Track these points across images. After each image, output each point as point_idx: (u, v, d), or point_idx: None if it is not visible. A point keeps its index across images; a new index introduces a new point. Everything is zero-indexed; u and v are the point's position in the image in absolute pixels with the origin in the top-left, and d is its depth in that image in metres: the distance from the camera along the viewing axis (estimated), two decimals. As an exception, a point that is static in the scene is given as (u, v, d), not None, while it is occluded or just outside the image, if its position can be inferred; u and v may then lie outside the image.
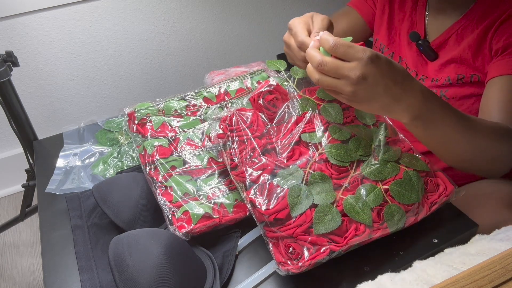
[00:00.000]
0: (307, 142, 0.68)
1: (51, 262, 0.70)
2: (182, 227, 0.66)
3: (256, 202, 0.62)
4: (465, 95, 0.86)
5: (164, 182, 0.72)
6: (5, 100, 1.02)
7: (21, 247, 1.61)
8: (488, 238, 0.61)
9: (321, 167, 0.65)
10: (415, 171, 0.67)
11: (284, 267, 0.59)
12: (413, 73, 0.94)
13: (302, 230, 0.60)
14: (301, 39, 0.65)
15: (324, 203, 0.61)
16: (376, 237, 0.63)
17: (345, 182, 0.65)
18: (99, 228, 0.74)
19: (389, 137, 0.71)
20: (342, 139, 0.69)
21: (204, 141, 0.78)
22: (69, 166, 0.88)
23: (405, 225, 0.65)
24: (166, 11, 1.73)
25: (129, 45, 1.74)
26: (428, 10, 0.92)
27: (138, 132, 0.79)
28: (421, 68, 0.93)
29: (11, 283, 1.49)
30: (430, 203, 0.67)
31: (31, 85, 1.66)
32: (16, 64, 1.03)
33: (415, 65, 0.94)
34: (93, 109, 1.82)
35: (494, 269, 0.40)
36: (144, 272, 0.56)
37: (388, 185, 0.65)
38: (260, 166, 0.65)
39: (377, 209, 0.63)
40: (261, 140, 0.68)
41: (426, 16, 0.92)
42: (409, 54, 0.95)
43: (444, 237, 0.68)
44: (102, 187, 0.72)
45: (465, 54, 0.84)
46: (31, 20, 1.54)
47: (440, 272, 0.54)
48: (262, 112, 0.71)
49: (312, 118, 0.71)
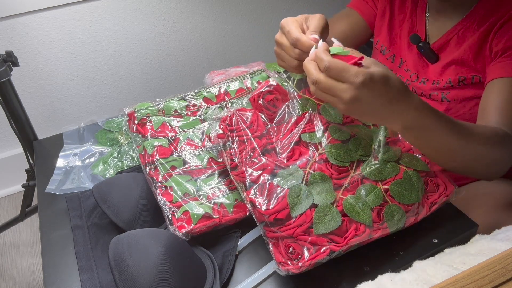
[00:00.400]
0: (307, 142, 0.68)
1: (51, 262, 0.70)
2: (182, 227, 0.66)
3: (256, 202, 0.62)
4: (467, 97, 0.86)
5: (164, 182, 0.72)
6: (5, 100, 1.02)
7: (21, 247, 1.61)
8: (488, 238, 0.61)
9: (321, 167, 0.65)
10: (415, 171, 0.67)
11: (284, 267, 0.59)
12: (413, 76, 0.94)
13: (302, 230, 0.60)
14: (295, 35, 0.64)
15: (324, 203, 0.61)
16: (376, 237, 0.63)
17: (345, 182, 0.65)
18: (99, 228, 0.74)
19: (389, 137, 0.71)
20: (342, 139, 0.69)
21: (204, 141, 0.78)
22: (69, 166, 0.88)
23: (405, 225, 0.65)
24: (166, 11, 1.73)
25: (129, 45, 1.74)
26: (428, 12, 0.92)
27: (138, 132, 0.79)
28: (422, 70, 0.93)
29: (11, 283, 1.49)
30: (430, 203, 0.67)
31: (31, 85, 1.66)
32: (16, 64, 1.03)
33: (415, 68, 0.94)
34: (93, 109, 1.82)
35: (494, 269, 0.40)
36: (144, 272, 0.56)
37: (388, 185, 0.65)
38: (260, 166, 0.65)
39: (377, 209, 0.63)
40: (261, 140, 0.68)
41: (426, 18, 0.92)
42: (410, 56, 0.95)
43: (444, 237, 0.68)
44: (102, 187, 0.72)
45: (466, 55, 0.84)
46: (31, 20, 1.54)
47: (440, 272, 0.54)
48: (262, 112, 0.71)
49: (312, 118, 0.71)
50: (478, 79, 0.84)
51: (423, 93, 0.92)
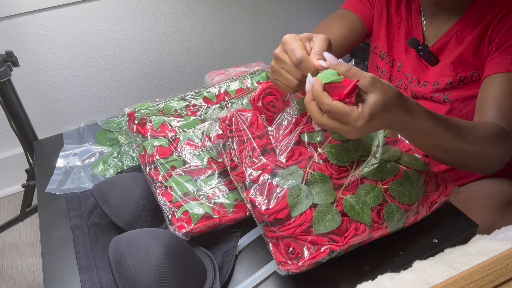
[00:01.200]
0: (306, 142, 0.68)
1: (51, 262, 0.70)
2: (182, 227, 0.66)
3: (256, 202, 0.62)
4: (468, 96, 0.86)
5: (164, 182, 0.72)
6: (5, 100, 1.02)
7: (21, 247, 1.61)
8: (488, 238, 0.61)
9: (321, 167, 0.66)
10: (414, 171, 0.67)
11: (284, 267, 0.59)
12: (414, 81, 0.93)
13: (302, 229, 0.60)
14: (300, 56, 0.60)
15: (324, 203, 0.61)
16: (376, 236, 0.63)
17: (345, 182, 0.65)
18: (99, 228, 0.74)
19: (388, 137, 0.71)
20: (342, 139, 0.69)
21: (204, 141, 0.78)
22: (69, 166, 0.88)
23: (405, 225, 0.65)
24: (166, 11, 1.73)
25: (129, 45, 1.74)
26: (423, 15, 0.92)
27: (138, 132, 0.79)
28: (422, 74, 0.92)
29: (11, 283, 1.49)
30: (430, 202, 0.68)
31: (31, 85, 1.66)
32: (16, 64, 1.03)
33: (415, 72, 0.93)
34: (93, 109, 1.82)
35: (494, 269, 0.40)
36: (144, 272, 0.56)
37: (388, 185, 0.65)
38: (260, 166, 0.65)
39: (377, 208, 0.63)
40: (261, 140, 0.68)
41: (422, 21, 0.92)
42: (408, 60, 0.94)
43: (444, 237, 0.68)
44: (102, 187, 0.72)
45: (466, 54, 0.84)
46: (31, 20, 1.53)
47: (440, 272, 0.54)
48: (262, 113, 0.71)
49: (311, 118, 0.71)
50: (478, 76, 0.84)
51: (424, 96, 0.92)
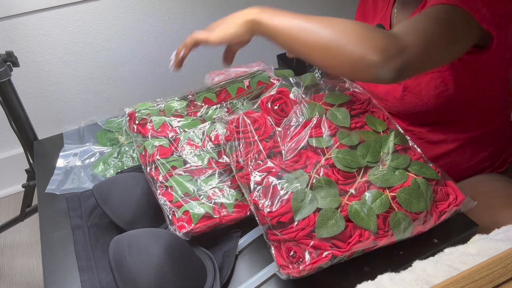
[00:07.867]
0: (314, 147, 0.68)
1: (51, 262, 0.70)
2: (183, 227, 0.66)
3: (259, 204, 0.62)
4: None
5: (165, 182, 0.72)
6: (5, 100, 1.02)
7: (21, 247, 1.61)
8: (488, 238, 0.61)
9: (327, 172, 0.65)
10: (424, 179, 0.65)
11: (285, 271, 0.58)
12: None
13: (304, 233, 0.59)
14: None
15: (328, 208, 0.60)
16: (381, 244, 0.61)
17: (351, 188, 0.64)
18: (99, 228, 0.74)
19: (399, 144, 0.70)
20: (350, 145, 0.68)
21: (205, 141, 0.78)
22: (69, 166, 0.88)
23: (412, 234, 0.63)
24: (166, 11, 1.73)
25: (129, 45, 1.74)
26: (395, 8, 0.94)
27: (138, 132, 0.79)
28: None
29: (11, 283, 1.49)
30: (439, 212, 0.65)
31: (31, 85, 1.66)
32: (16, 64, 1.03)
33: None
34: (93, 109, 1.82)
35: (494, 269, 0.40)
36: (144, 272, 0.56)
37: (396, 192, 0.63)
38: (265, 168, 0.65)
39: (383, 216, 0.61)
40: (268, 143, 0.68)
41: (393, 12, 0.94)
42: None
43: (444, 237, 0.68)
44: (102, 187, 0.72)
45: None
46: (31, 20, 1.53)
47: (440, 272, 0.54)
48: (270, 116, 0.71)
49: (319, 122, 0.70)
50: None
51: None
